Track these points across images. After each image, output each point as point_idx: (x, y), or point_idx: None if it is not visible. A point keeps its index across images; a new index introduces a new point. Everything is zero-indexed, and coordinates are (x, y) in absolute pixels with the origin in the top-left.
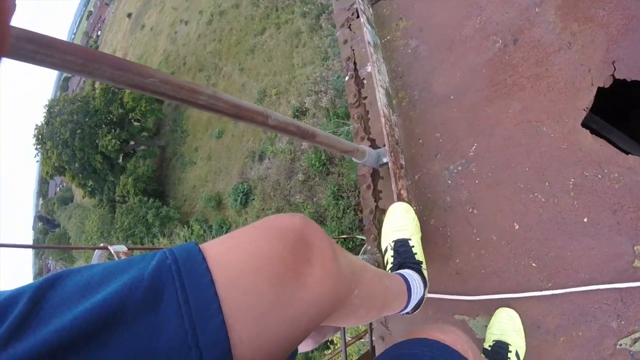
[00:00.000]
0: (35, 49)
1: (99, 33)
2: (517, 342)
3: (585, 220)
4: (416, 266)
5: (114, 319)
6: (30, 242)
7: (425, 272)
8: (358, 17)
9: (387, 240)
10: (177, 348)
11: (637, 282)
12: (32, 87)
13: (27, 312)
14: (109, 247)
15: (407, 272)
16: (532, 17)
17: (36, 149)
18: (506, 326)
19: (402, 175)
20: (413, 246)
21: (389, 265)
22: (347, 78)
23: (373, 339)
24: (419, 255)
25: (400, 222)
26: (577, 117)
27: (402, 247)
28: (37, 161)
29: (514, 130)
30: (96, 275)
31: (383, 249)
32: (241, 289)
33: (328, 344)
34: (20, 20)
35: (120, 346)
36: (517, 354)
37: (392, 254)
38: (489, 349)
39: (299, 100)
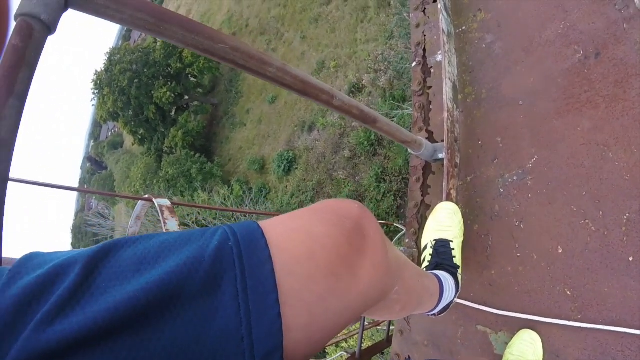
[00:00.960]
0: (106, 3)
1: None
2: None
3: (631, 259)
4: (452, 269)
5: (170, 300)
6: (77, 180)
7: (460, 277)
8: (435, 1)
9: (429, 237)
10: (229, 336)
11: None
12: (95, 34)
13: (79, 284)
14: (154, 200)
15: (442, 274)
16: (618, 33)
17: (93, 93)
18: (527, 349)
19: (455, 174)
20: (453, 249)
21: (425, 263)
22: (414, 64)
23: (392, 327)
24: (457, 260)
25: (445, 222)
26: None
27: (442, 247)
28: (92, 105)
29: (579, 149)
30: (153, 249)
31: (422, 245)
32: (296, 276)
33: None
34: None
35: (172, 330)
36: None
37: (431, 252)
38: None
39: (356, 77)
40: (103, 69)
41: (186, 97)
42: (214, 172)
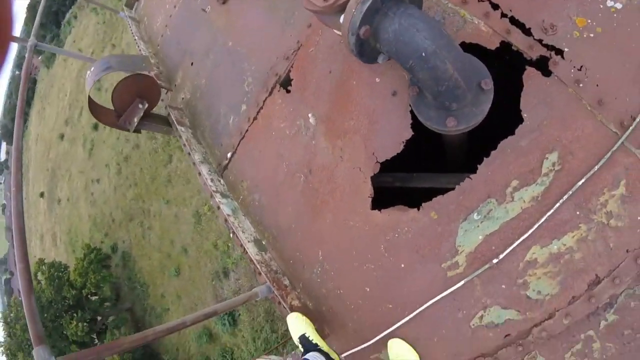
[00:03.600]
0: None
1: None
2: (410, 357)
3: (403, 265)
4: (316, 347)
5: None
6: None
7: (325, 349)
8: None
9: (295, 340)
10: None
11: (455, 285)
12: None
13: None
14: None
15: (310, 355)
16: (313, 149)
17: None
18: (397, 351)
19: (289, 290)
20: (309, 336)
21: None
22: (232, 234)
23: None
24: (315, 340)
25: (294, 327)
26: (366, 205)
27: (304, 340)
28: None
29: (335, 232)
30: None
31: (299, 347)
32: None
33: None
34: None
35: None
36: None
37: (301, 347)
38: None
39: None
40: (5, 335)
41: (99, 318)
42: None
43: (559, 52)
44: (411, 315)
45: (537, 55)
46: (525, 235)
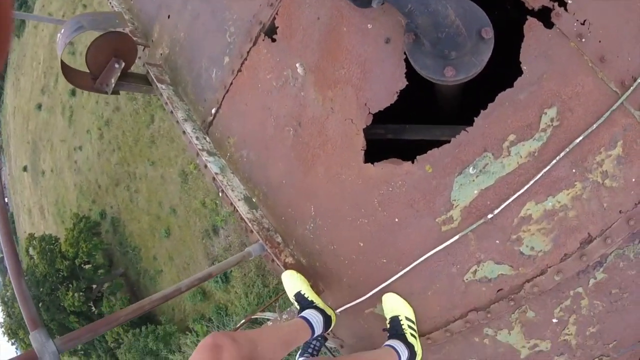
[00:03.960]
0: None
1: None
2: (404, 311)
3: (397, 220)
4: (311, 304)
5: None
6: None
7: (321, 305)
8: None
9: (290, 297)
10: None
11: (450, 240)
12: None
13: None
14: None
15: (307, 312)
16: (302, 101)
17: (13, 343)
18: (391, 305)
19: (282, 248)
20: (304, 293)
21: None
22: (220, 193)
23: (333, 346)
24: (311, 297)
25: (289, 285)
26: (359, 157)
27: (300, 297)
28: (16, 349)
29: (327, 186)
30: None
31: (295, 304)
32: None
33: None
34: None
35: None
36: (407, 319)
37: (297, 305)
38: (388, 326)
39: None
40: (5, 316)
41: (94, 286)
42: (168, 330)
43: (562, 3)
44: (405, 270)
45: (539, 6)
46: (521, 191)
